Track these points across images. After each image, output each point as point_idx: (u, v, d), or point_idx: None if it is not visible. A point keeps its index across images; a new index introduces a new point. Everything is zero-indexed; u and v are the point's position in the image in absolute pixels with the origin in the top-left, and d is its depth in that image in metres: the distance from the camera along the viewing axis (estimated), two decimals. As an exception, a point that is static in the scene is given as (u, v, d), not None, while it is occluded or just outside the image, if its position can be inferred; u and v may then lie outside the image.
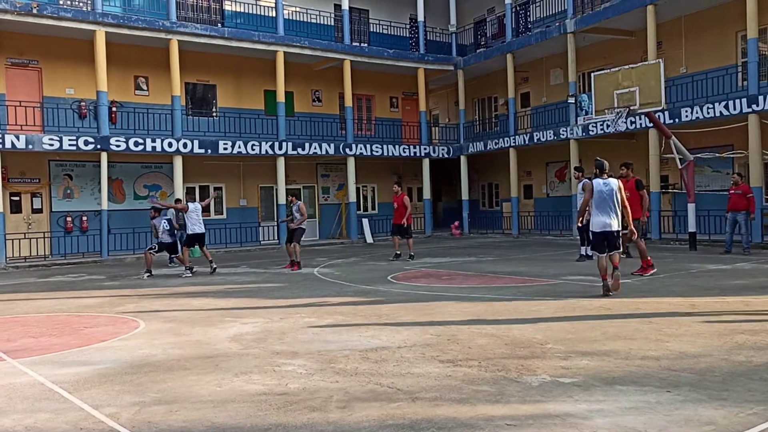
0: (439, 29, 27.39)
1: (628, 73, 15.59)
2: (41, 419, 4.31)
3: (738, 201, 14.02)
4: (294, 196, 15.20)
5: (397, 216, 15.85)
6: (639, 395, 4.40)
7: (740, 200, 14.05)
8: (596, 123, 19.62)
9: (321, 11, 24.36)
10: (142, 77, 21.25)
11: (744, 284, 9.55)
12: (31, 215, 19.34)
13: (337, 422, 4.06)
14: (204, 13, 22.32)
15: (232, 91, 23.01)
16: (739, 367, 5.02)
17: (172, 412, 4.37)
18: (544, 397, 4.44)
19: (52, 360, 6.09)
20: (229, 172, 22.61)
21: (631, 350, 5.67)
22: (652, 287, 9.56)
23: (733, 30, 18.25)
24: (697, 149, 17.14)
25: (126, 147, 19.12)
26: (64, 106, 19.57)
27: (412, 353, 5.83)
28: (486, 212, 27.89)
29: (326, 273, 13.43)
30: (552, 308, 8.06)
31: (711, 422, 3.86)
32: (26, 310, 9.49)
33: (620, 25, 20.30)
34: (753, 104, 16.00)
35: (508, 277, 11.62)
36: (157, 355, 6.12)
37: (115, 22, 19.07)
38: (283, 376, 5.21)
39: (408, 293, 9.86)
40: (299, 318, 7.93)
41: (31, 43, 19.18)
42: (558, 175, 24.67)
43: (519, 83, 25.07)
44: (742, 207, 14.04)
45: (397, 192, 15.96)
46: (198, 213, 14.06)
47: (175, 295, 10.63)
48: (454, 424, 3.95)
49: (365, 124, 26.13)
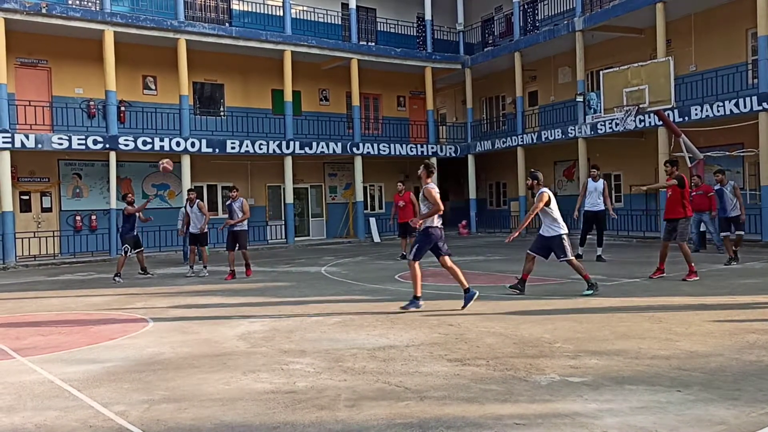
0: (446, 28, 27.33)
1: (637, 71, 15.50)
2: (51, 417, 4.32)
3: (701, 201, 14.05)
4: (237, 191, 12.89)
5: (402, 215, 15.37)
6: (649, 395, 4.37)
7: (703, 200, 14.11)
8: (605, 121, 19.54)
9: (328, 10, 24.35)
10: (151, 77, 21.32)
11: (754, 283, 9.47)
12: (41, 214, 19.44)
13: (345, 421, 4.05)
14: (212, 13, 22.37)
15: (239, 91, 23.05)
16: (751, 367, 4.98)
17: (180, 410, 4.37)
18: (553, 396, 4.41)
19: (61, 358, 6.12)
20: (237, 172, 22.65)
21: (641, 349, 5.63)
22: (661, 287, 9.50)
23: (744, 27, 18.11)
24: (706, 148, 17.02)
25: (134, 146, 19.19)
26: (73, 106, 19.66)
27: (420, 352, 5.81)
28: (493, 211, 27.82)
29: (333, 272, 13.43)
30: (560, 307, 8.02)
31: (722, 422, 3.82)
32: (36, 309, 9.54)
33: (629, 23, 20.18)
34: (764, 102, 15.87)
35: (516, 276, 11.55)
36: (166, 354, 6.13)
37: (124, 22, 19.15)
38: (291, 374, 5.21)
39: (416, 292, 9.81)
40: (307, 317, 7.93)
41: (40, 43, 19.28)
42: (566, 174, 24.58)
43: (527, 82, 24.98)
44: (705, 207, 14.12)
45: (401, 190, 15.65)
46: (196, 214, 13.32)
47: (183, 294, 10.65)
48: (463, 423, 3.93)
49: (372, 123, 26.12)
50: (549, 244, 9.02)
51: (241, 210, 12.51)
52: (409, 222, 12.31)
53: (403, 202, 15.46)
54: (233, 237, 12.65)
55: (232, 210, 12.62)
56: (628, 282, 10.16)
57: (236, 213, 12.52)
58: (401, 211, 15.49)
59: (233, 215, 12.55)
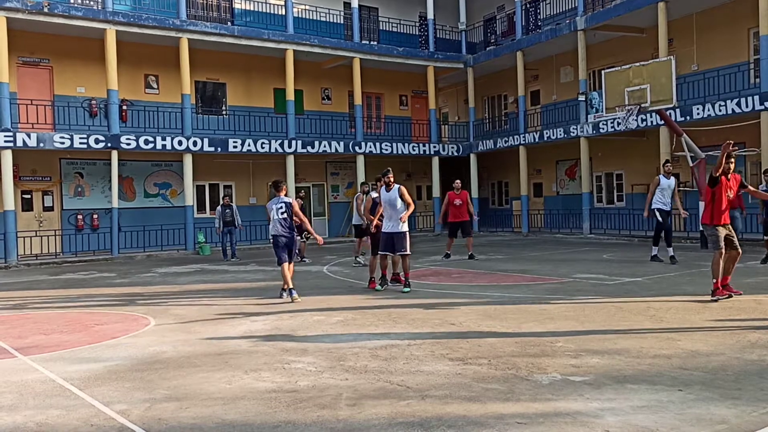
0: (448, 27, 27.32)
1: (639, 71, 15.48)
2: (52, 416, 4.33)
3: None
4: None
5: (457, 214, 14.67)
6: (650, 394, 4.37)
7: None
8: (607, 121, 19.52)
9: (330, 9, 24.35)
10: (153, 75, 21.34)
11: (756, 282, 9.46)
12: (43, 213, 19.47)
13: (347, 420, 4.05)
14: (214, 12, 22.38)
15: (241, 90, 23.06)
16: (752, 366, 4.98)
17: (182, 409, 4.38)
18: (555, 395, 4.41)
19: (63, 357, 6.13)
20: (239, 171, 22.67)
21: (642, 349, 5.62)
22: (663, 286, 9.50)
23: (745, 27, 18.09)
24: (708, 147, 16.95)
25: (136, 145, 19.21)
26: (74, 105, 19.68)
27: (421, 351, 5.81)
28: (496, 210, 27.81)
29: (335, 271, 13.43)
30: (562, 307, 8.02)
31: (723, 421, 3.82)
32: (38, 308, 9.55)
33: (631, 22, 20.16)
34: (765, 101, 15.86)
35: (518, 275, 11.58)
36: (168, 352, 6.14)
37: (126, 21, 19.16)
38: (292, 373, 5.21)
39: (417, 291, 9.83)
40: (309, 315, 7.93)
41: (42, 42, 19.30)
42: (568, 173, 24.56)
43: (529, 81, 24.97)
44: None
45: (458, 188, 14.84)
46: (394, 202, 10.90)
47: (185, 293, 10.66)
48: (465, 422, 3.93)
49: (375, 122, 26.13)
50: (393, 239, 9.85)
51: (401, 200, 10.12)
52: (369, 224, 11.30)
53: (459, 201, 14.76)
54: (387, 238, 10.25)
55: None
56: (629, 281, 10.15)
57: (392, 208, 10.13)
58: (456, 210, 14.75)
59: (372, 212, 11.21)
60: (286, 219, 9.53)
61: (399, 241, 9.78)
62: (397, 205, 9.82)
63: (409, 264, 10.06)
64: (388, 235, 9.88)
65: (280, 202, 9.57)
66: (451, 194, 14.88)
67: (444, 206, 15.10)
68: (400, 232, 9.78)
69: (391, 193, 9.92)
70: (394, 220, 9.83)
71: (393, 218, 9.85)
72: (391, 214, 9.87)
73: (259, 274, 13.30)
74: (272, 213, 9.60)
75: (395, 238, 9.79)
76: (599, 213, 22.04)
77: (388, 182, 9.99)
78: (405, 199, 9.83)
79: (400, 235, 9.78)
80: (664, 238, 12.55)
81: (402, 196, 9.84)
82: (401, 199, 9.84)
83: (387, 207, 9.94)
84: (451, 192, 14.95)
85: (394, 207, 9.84)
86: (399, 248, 9.80)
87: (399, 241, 9.78)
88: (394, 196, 9.87)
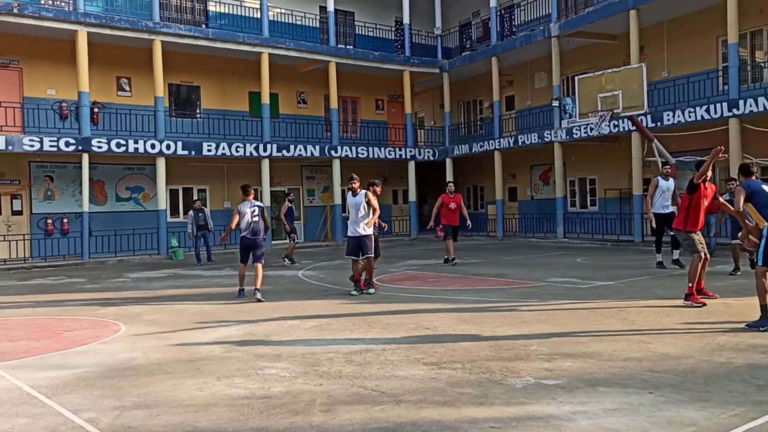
0: (424, 32, 27.44)
1: (612, 77, 15.72)
2: (19, 424, 4.23)
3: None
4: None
5: (451, 217, 14.64)
6: (622, 397, 4.41)
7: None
8: (580, 126, 19.75)
9: (306, 13, 24.29)
10: (125, 78, 21.05)
11: (725, 286, 9.63)
12: (11, 217, 19.05)
13: (320, 426, 4.03)
14: (188, 14, 22.17)
15: (216, 93, 22.87)
16: (720, 369, 5.06)
17: (152, 417, 4.31)
18: (528, 399, 4.43)
19: (30, 364, 5.99)
20: (213, 174, 22.45)
21: (614, 352, 5.69)
22: (635, 290, 9.63)
23: (714, 35, 18.46)
24: (679, 152, 17.29)
25: (108, 148, 18.91)
26: (45, 107, 19.32)
27: (396, 356, 5.81)
28: (471, 215, 27.86)
29: (311, 275, 13.37)
30: (536, 310, 8.08)
31: (693, 423, 3.88)
32: (5, 314, 9.34)
33: (603, 30, 20.46)
34: (734, 108, 16.20)
35: (493, 279, 11.65)
36: (138, 359, 6.04)
37: (97, 22, 18.87)
38: (266, 379, 5.17)
39: (393, 296, 9.84)
40: (283, 320, 7.88)
41: (11, 43, 18.92)
42: (542, 177, 24.80)
43: (504, 86, 25.17)
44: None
45: (452, 192, 14.84)
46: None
47: (158, 298, 10.51)
48: (439, 426, 3.94)
49: (351, 126, 26.10)
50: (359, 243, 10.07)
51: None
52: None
53: (454, 205, 14.68)
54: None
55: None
56: (602, 285, 10.27)
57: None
58: (450, 213, 14.63)
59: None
60: (257, 221, 10.01)
61: (365, 245, 10.05)
62: (362, 211, 10.13)
63: (373, 266, 10.35)
64: (353, 239, 10.14)
65: (253, 206, 10.06)
66: (445, 197, 14.79)
67: (436, 209, 14.87)
68: (365, 235, 10.06)
69: (357, 198, 10.23)
70: (358, 225, 10.09)
71: (357, 222, 10.11)
72: (356, 219, 10.15)
73: (233, 279, 13.16)
74: (246, 216, 9.98)
75: (360, 241, 10.05)
76: (573, 217, 22.29)
77: (353, 188, 10.28)
78: (372, 205, 10.18)
79: (364, 238, 10.05)
80: (672, 240, 12.15)
81: (369, 202, 10.16)
82: (367, 204, 10.15)
83: (353, 211, 10.24)
84: (445, 195, 14.86)
85: (360, 211, 10.14)
86: (365, 251, 10.05)
87: (364, 244, 10.05)
88: (359, 201, 10.18)
